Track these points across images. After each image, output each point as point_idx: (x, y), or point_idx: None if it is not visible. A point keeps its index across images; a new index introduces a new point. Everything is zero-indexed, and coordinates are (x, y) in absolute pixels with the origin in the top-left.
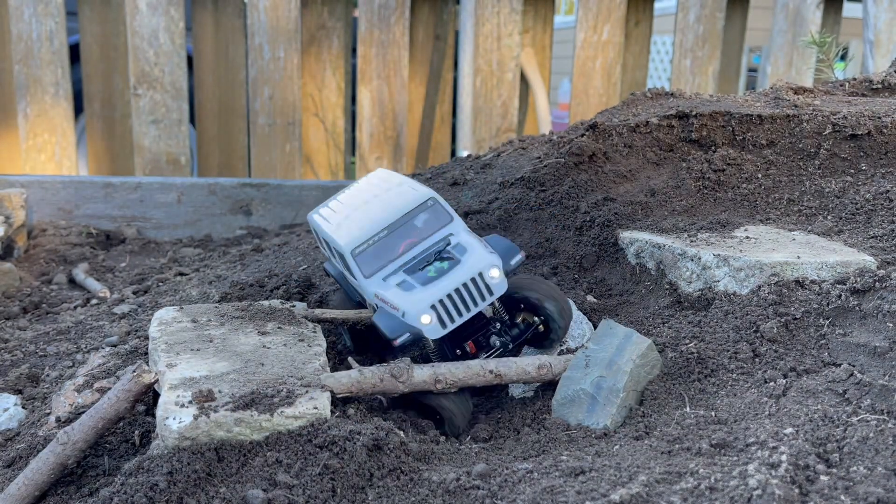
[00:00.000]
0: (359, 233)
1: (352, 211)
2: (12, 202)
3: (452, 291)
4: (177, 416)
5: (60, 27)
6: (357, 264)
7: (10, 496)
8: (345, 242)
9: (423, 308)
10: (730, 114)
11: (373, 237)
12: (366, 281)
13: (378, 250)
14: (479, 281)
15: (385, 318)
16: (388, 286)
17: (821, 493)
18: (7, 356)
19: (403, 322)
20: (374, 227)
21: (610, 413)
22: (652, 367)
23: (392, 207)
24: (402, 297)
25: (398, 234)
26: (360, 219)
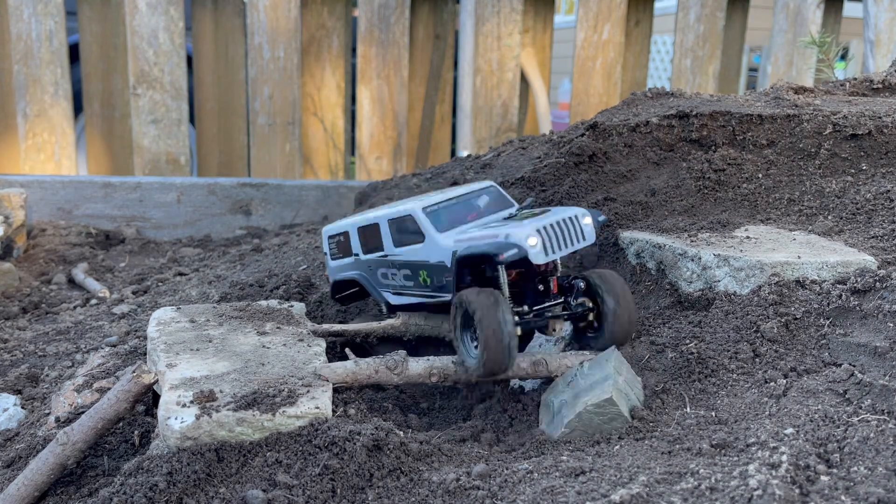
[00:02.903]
0: (426, 200)
1: (399, 202)
2: (12, 202)
3: (554, 223)
4: (179, 416)
5: (60, 27)
6: (430, 220)
7: (10, 496)
8: (411, 206)
9: (531, 231)
10: (730, 113)
11: (441, 202)
12: (440, 235)
13: (447, 213)
14: (576, 222)
15: (485, 244)
16: (474, 231)
17: (821, 493)
18: (7, 356)
19: (507, 242)
20: (439, 198)
21: (559, 432)
22: (610, 419)
23: (453, 190)
24: (503, 227)
25: (464, 206)
26: (419, 198)
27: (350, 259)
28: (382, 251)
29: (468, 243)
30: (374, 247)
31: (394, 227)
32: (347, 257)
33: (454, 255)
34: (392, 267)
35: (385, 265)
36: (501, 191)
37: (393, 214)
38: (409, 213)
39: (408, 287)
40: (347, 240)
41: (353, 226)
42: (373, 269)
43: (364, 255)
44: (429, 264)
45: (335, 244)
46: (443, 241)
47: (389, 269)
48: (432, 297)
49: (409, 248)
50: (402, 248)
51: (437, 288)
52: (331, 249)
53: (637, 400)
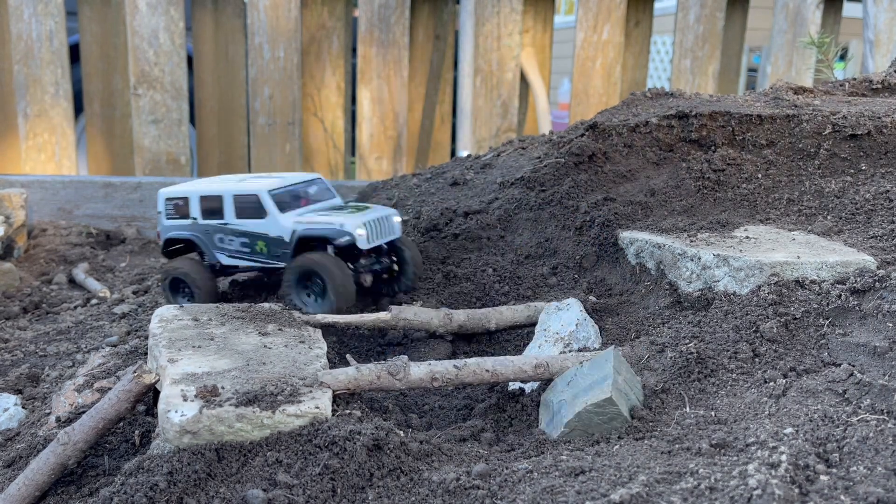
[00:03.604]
0: (270, 182)
1: (242, 178)
2: (12, 202)
3: (376, 219)
4: (179, 410)
5: (60, 27)
6: (273, 202)
7: (11, 496)
8: (259, 187)
9: (360, 223)
10: (730, 114)
11: (284, 187)
12: (282, 215)
13: (287, 197)
14: (390, 219)
15: (323, 228)
16: (310, 216)
17: (821, 492)
18: (7, 356)
19: (342, 230)
20: (279, 183)
21: (558, 432)
22: (610, 419)
23: (290, 177)
24: (336, 217)
25: (299, 192)
26: (260, 180)
27: (187, 221)
28: (223, 220)
29: (308, 225)
30: (215, 214)
31: (238, 202)
32: (184, 219)
33: (294, 234)
34: (231, 234)
35: (223, 232)
36: (327, 183)
37: (239, 191)
38: (255, 192)
39: (243, 252)
40: (187, 204)
41: (195, 193)
42: (209, 233)
43: (203, 219)
44: (268, 237)
45: (172, 206)
46: (283, 221)
47: (227, 235)
48: (265, 262)
49: (251, 221)
50: (244, 220)
51: (272, 256)
52: (167, 210)
53: (637, 400)
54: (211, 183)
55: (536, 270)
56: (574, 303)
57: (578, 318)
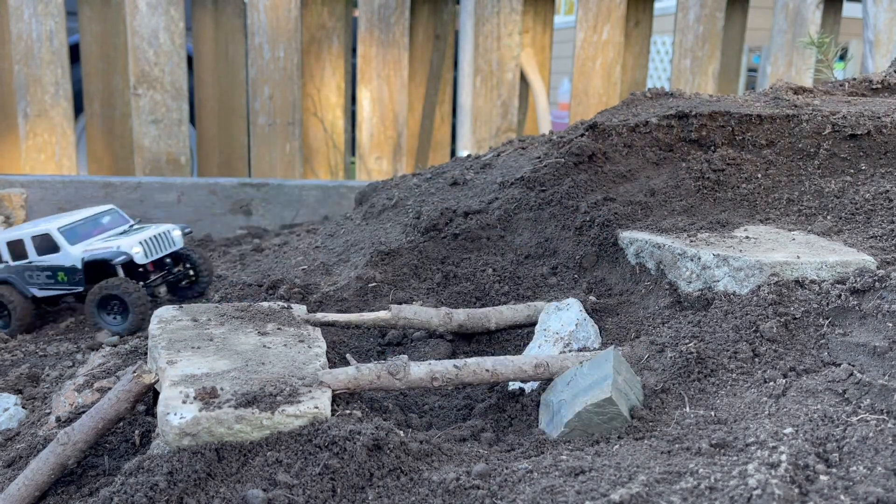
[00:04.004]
0: (61, 221)
1: (42, 220)
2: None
3: (153, 236)
4: (178, 412)
5: (60, 27)
6: (63, 237)
7: (11, 496)
8: (49, 227)
9: (135, 243)
10: (729, 114)
11: (73, 223)
12: (72, 247)
13: (78, 229)
14: (168, 234)
15: (104, 252)
16: (96, 242)
17: (820, 492)
18: (7, 356)
19: (119, 251)
20: (71, 220)
21: (558, 432)
22: (610, 419)
23: (83, 213)
24: (115, 241)
25: (91, 224)
26: (54, 219)
27: (1, 265)
28: (27, 259)
29: (91, 252)
30: (21, 255)
31: (36, 241)
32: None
33: (83, 261)
34: (36, 270)
35: (30, 269)
36: (120, 212)
37: (35, 232)
38: (46, 231)
39: (49, 283)
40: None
41: (2, 240)
42: (20, 272)
43: (13, 261)
44: (65, 267)
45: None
46: (73, 251)
47: (34, 271)
48: (69, 289)
49: (49, 255)
50: (44, 256)
51: (72, 283)
52: None
53: (636, 400)
54: (21, 228)
55: (536, 270)
56: (574, 303)
57: (578, 318)
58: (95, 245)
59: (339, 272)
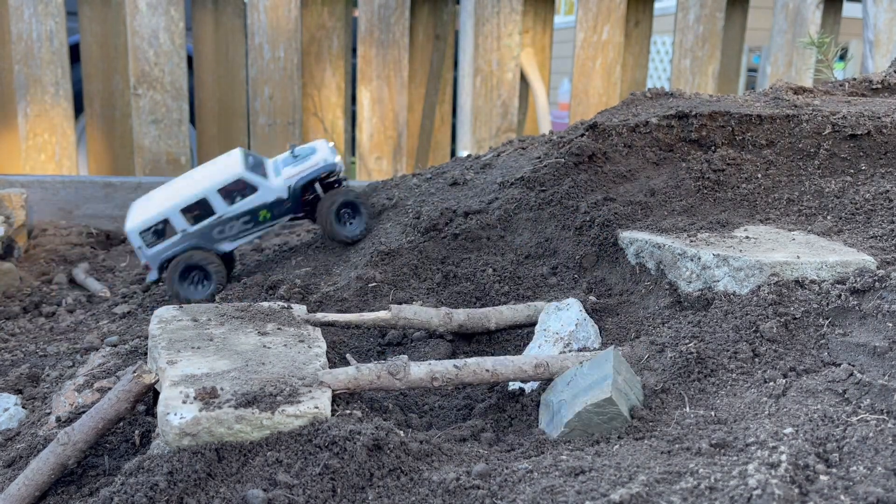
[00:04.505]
0: (236, 163)
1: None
2: (12, 202)
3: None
4: (178, 412)
5: (60, 27)
6: (255, 174)
7: (11, 496)
8: (235, 171)
9: (330, 154)
10: (729, 114)
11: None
12: (272, 180)
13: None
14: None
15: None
16: (289, 170)
17: (820, 492)
18: (7, 356)
19: (328, 163)
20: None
21: (558, 432)
22: (610, 419)
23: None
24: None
25: (255, 163)
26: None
27: (175, 237)
28: (215, 215)
29: (297, 177)
30: (204, 215)
31: (223, 193)
32: (171, 237)
33: (290, 188)
34: (230, 221)
35: (220, 224)
36: (248, 151)
37: (220, 184)
38: (238, 176)
39: (245, 229)
40: (167, 224)
41: (172, 210)
42: (206, 233)
43: (193, 226)
44: (267, 203)
45: (151, 234)
46: (275, 184)
47: (227, 224)
48: (271, 225)
49: (244, 200)
50: (237, 203)
51: (277, 216)
52: (146, 242)
53: (636, 400)
54: (166, 199)
55: (536, 270)
56: (574, 303)
57: (578, 318)
58: (289, 171)
59: (339, 272)
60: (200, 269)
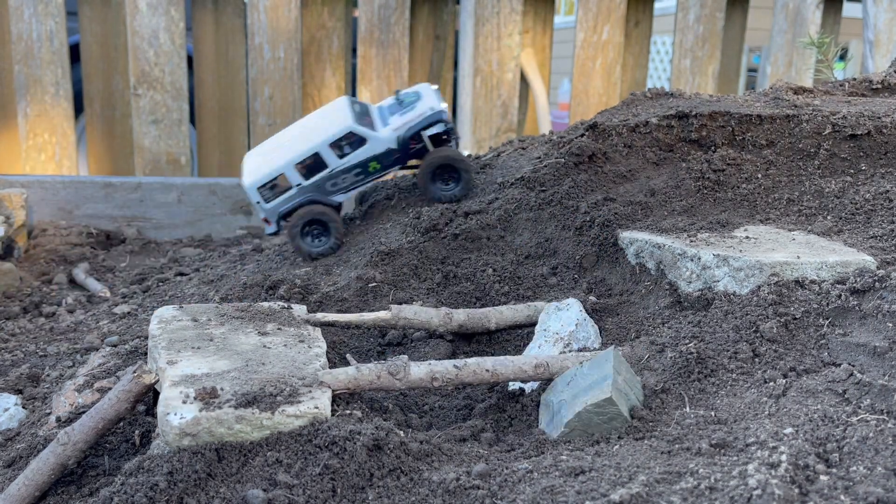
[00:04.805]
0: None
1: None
2: (12, 202)
3: (436, 92)
4: (178, 412)
5: (60, 27)
6: (365, 127)
7: (11, 496)
8: (345, 125)
9: (440, 99)
10: (729, 114)
11: (353, 116)
12: (376, 132)
13: (362, 121)
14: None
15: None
16: (396, 120)
17: (820, 492)
18: (7, 356)
19: (434, 112)
20: (350, 109)
21: (558, 432)
22: (610, 419)
23: (333, 110)
24: (416, 109)
25: (361, 113)
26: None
27: (291, 191)
28: (328, 168)
29: (404, 128)
30: (317, 168)
31: (334, 147)
32: (287, 191)
33: (399, 138)
34: (342, 173)
35: (333, 177)
36: (354, 99)
37: (331, 137)
38: (348, 129)
39: (356, 181)
40: (284, 179)
41: (287, 165)
42: (320, 186)
43: (307, 180)
44: (377, 154)
45: (268, 190)
46: (384, 135)
47: (339, 176)
48: (381, 175)
49: (355, 152)
50: (348, 156)
51: (386, 166)
52: (264, 197)
53: (636, 400)
54: (280, 153)
55: (536, 270)
56: (574, 303)
57: (578, 318)
58: (397, 121)
59: (339, 272)
60: (320, 224)
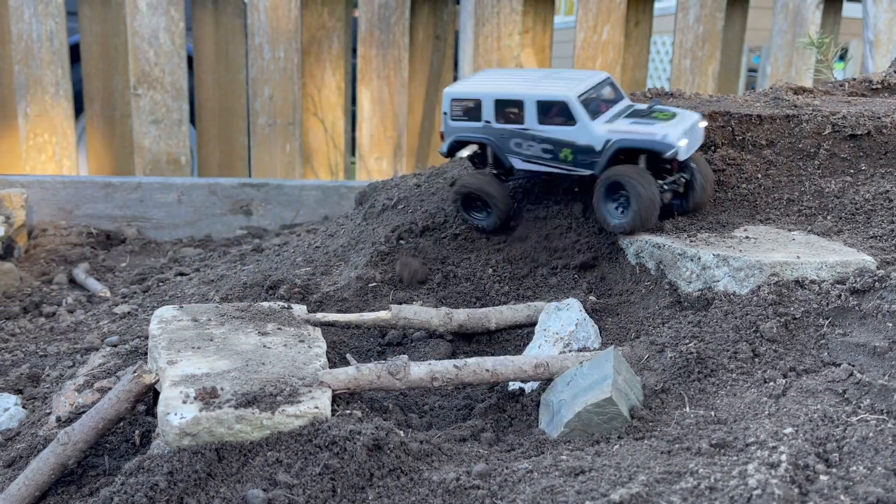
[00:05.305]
0: (572, 86)
1: (541, 78)
2: (13, 202)
3: (689, 127)
4: (178, 412)
5: (60, 27)
6: (582, 108)
7: (11, 496)
8: (566, 91)
9: (682, 134)
10: (729, 114)
11: (585, 91)
12: (591, 123)
13: (590, 103)
14: (698, 126)
15: (644, 139)
16: (621, 124)
17: (820, 492)
18: (7, 356)
19: (665, 142)
20: (582, 87)
21: (558, 432)
22: (610, 419)
23: (582, 78)
24: (652, 125)
25: (597, 96)
26: (560, 82)
27: (477, 123)
28: (522, 125)
29: (623, 135)
30: (512, 119)
31: (541, 107)
32: (474, 121)
33: (608, 143)
34: (530, 140)
35: (521, 137)
36: (615, 83)
37: (543, 96)
38: (563, 98)
39: (543, 158)
40: (478, 107)
41: (489, 96)
42: (504, 137)
43: (497, 123)
44: (575, 145)
45: (460, 108)
46: (596, 129)
47: (526, 140)
48: (568, 169)
49: (557, 128)
50: (548, 127)
51: (577, 164)
52: (453, 110)
53: (636, 400)
54: (501, 82)
55: (537, 270)
56: (574, 303)
57: (578, 318)
58: (622, 126)
59: (339, 272)
60: (481, 201)
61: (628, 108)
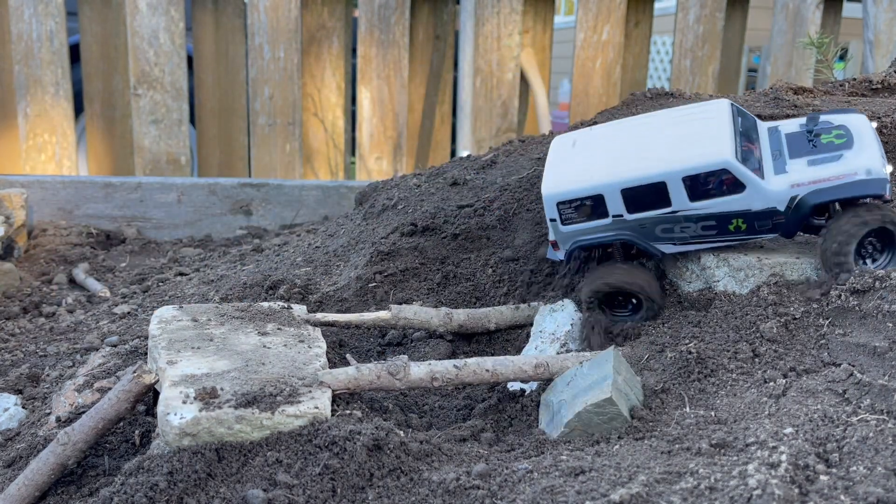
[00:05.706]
0: (724, 143)
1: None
2: (12, 202)
3: (877, 140)
4: (178, 412)
5: (60, 27)
6: (745, 168)
7: (11, 496)
8: (717, 157)
9: (883, 160)
10: None
11: (731, 140)
12: (763, 182)
13: (743, 153)
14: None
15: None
16: (800, 171)
17: (820, 492)
18: (7, 356)
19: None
20: (724, 135)
21: (558, 432)
22: (610, 419)
23: (714, 125)
24: (846, 162)
25: (742, 137)
26: (693, 142)
27: (603, 221)
28: (669, 207)
29: (814, 187)
30: (652, 204)
31: (690, 183)
32: (597, 219)
33: (794, 200)
34: (685, 221)
35: (671, 221)
36: (738, 106)
37: (690, 170)
38: (721, 165)
39: (705, 237)
40: (600, 203)
41: (612, 187)
42: (646, 227)
43: (632, 213)
44: (750, 212)
45: (572, 209)
46: (772, 189)
47: (678, 224)
48: (744, 239)
49: (718, 200)
50: (706, 202)
51: (754, 231)
52: (563, 214)
53: (636, 400)
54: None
55: (537, 270)
56: (568, 303)
57: (573, 318)
58: (804, 175)
59: (339, 272)
60: (632, 297)
61: (775, 134)
